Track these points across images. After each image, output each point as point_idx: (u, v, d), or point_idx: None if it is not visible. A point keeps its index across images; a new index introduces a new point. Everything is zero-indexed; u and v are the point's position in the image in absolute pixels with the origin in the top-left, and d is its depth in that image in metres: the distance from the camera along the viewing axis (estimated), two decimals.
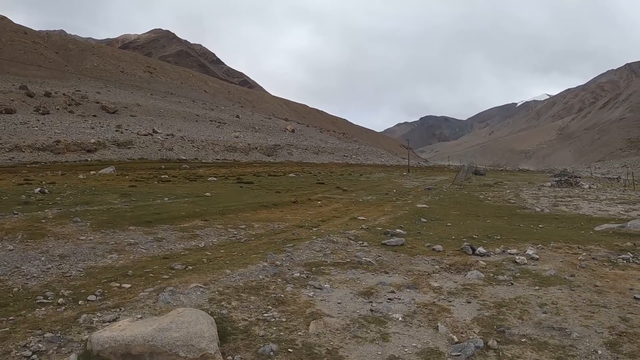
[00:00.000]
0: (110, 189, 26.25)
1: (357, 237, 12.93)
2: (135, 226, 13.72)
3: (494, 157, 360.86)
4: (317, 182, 39.58)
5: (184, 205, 18.96)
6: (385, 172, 71.70)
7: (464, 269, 9.58)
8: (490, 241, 12.93)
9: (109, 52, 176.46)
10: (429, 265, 10.02)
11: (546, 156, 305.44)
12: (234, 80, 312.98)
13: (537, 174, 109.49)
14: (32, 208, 16.77)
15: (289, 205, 21.63)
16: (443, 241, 12.68)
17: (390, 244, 11.86)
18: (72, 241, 11.52)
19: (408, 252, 11.15)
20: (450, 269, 9.69)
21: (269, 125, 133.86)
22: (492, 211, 21.66)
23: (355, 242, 12.27)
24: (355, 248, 11.50)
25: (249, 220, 16.23)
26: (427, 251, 11.37)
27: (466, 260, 10.28)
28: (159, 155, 70.58)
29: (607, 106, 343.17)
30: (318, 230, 14.57)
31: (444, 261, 10.30)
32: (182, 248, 11.23)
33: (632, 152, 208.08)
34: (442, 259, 10.54)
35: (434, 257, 10.65)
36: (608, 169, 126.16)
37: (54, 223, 13.53)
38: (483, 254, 10.91)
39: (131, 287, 7.64)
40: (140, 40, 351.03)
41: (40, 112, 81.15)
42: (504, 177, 73.62)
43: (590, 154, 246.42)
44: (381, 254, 10.87)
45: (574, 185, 45.29)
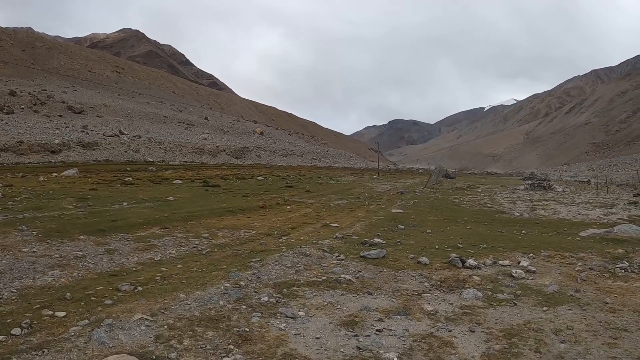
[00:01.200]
0: (69, 193, 24.95)
1: (332, 248, 11.83)
2: (87, 235, 12.60)
3: (462, 160, 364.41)
4: (286, 185, 38.63)
5: (144, 211, 17.79)
6: (355, 175, 71.14)
7: (458, 286, 8.68)
8: (477, 251, 12.12)
9: (77, 51, 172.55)
10: (417, 282, 9.06)
11: (513, 159, 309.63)
12: (203, 81, 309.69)
13: (506, 177, 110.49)
14: None
15: (257, 211, 20.65)
16: (427, 252, 11.81)
17: (370, 256, 10.80)
18: (13, 254, 10.38)
19: (391, 266, 10.16)
20: (442, 286, 8.75)
21: (237, 128, 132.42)
22: (470, 216, 21.01)
23: (330, 254, 11.16)
24: (332, 262, 10.38)
25: (212, 228, 15.21)
26: (412, 264, 10.39)
27: (457, 275, 9.41)
28: (125, 157, 68.83)
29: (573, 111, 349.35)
30: (288, 239, 13.60)
31: (433, 277, 9.39)
32: (135, 262, 10.16)
33: (597, 155, 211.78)
34: (431, 273, 9.64)
35: (421, 272, 9.72)
36: (575, 172, 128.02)
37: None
38: (474, 267, 10.07)
39: (65, 317, 6.44)
40: (109, 39, 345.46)
41: (4, 111, 78.57)
42: (475, 180, 73.77)
43: (557, 158, 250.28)
44: (361, 269, 9.84)
45: (548, 188, 45.25)
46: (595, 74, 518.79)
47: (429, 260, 10.59)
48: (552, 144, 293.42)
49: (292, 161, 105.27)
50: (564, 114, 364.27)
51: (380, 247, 12.15)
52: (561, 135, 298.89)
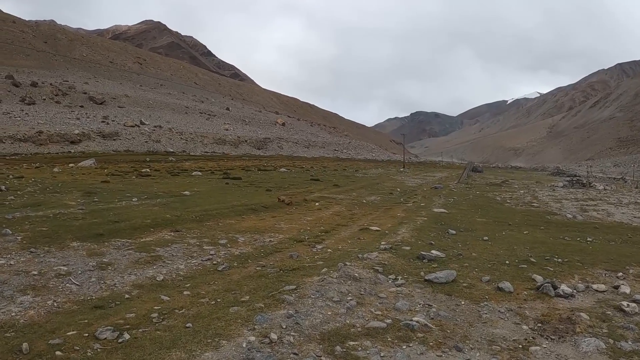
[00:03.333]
0: (78, 185, 23.00)
1: (385, 266, 9.31)
2: (80, 242, 10.38)
3: (484, 153, 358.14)
4: (312, 178, 36.23)
5: (154, 209, 15.50)
6: (381, 168, 68.53)
7: (566, 330, 6.21)
8: (555, 267, 9.66)
9: (99, 43, 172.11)
10: (510, 323, 6.58)
11: (536, 154, 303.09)
12: (225, 72, 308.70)
13: (532, 172, 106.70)
14: None
15: (282, 208, 18.35)
16: (499, 270, 9.35)
17: (438, 280, 8.26)
18: None
19: (468, 296, 7.69)
20: (545, 331, 6.28)
21: (259, 119, 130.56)
22: (521, 218, 18.42)
23: (384, 276, 8.61)
24: (390, 290, 7.83)
25: (232, 231, 12.92)
26: (493, 292, 7.89)
27: (555, 309, 6.97)
28: (146, 148, 67.30)
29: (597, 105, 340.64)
30: (324, 249, 11.20)
31: (527, 313, 6.95)
32: (130, 284, 7.87)
33: (621, 151, 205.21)
34: (522, 307, 7.18)
35: (508, 305, 7.26)
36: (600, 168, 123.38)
37: None
38: (567, 295, 7.66)
39: None
40: (131, 31, 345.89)
41: (25, 102, 77.88)
42: (504, 174, 70.50)
43: (580, 153, 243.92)
44: (431, 302, 7.32)
45: (588, 186, 42.17)
46: (621, 68, 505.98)
47: (510, 285, 8.12)
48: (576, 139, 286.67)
49: (314, 152, 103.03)
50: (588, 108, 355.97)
51: (441, 262, 9.70)
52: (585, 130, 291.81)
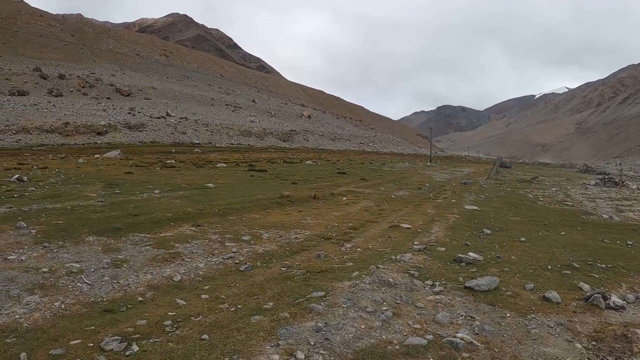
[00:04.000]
0: (101, 177, 22.68)
1: (420, 269, 8.54)
2: (96, 236, 9.85)
3: (511, 149, 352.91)
4: (338, 171, 35.51)
5: (175, 201, 14.97)
6: (408, 162, 67.44)
7: (623, 349, 5.42)
8: (600, 274, 8.81)
9: (126, 36, 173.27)
10: (562, 340, 5.80)
11: (563, 150, 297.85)
12: (251, 65, 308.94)
13: (560, 168, 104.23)
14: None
15: (309, 202, 17.69)
16: (541, 276, 8.54)
17: (479, 288, 7.46)
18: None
19: (512, 307, 6.89)
20: (601, 350, 5.48)
21: (285, 111, 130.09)
22: (556, 218, 17.43)
23: (421, 282, 7.84)
24: (428, 299, 7.08)
25: (256, 227, 12.29)
26: (539, 303, 7.08)
27: (609, 324, 6.16)
28: (172, 139, 67.23)
29: (627, 101, 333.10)
30: (353, 248, 10.48)
31: (578, 328, 6.17)
32: (145, 284, 7.28)
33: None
34: (572, 322, 6.40)
35: (557, 319, 6.46)
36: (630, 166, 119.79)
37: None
38: (618, 307, 6.87)
39: None
40: (158, 24, 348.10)
41: (53, 94, 78.57)
42: (533, 171, 68.66)
43: (608, 150, 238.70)
44: (474, 313, 6.57)
45: (620, 185, 40.59)
46: None
47: (557, 294, 7.31)
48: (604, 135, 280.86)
49: (339, 145, 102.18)
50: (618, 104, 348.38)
51: (480, 267, 8.92)
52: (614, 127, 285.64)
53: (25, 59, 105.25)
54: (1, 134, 51.31)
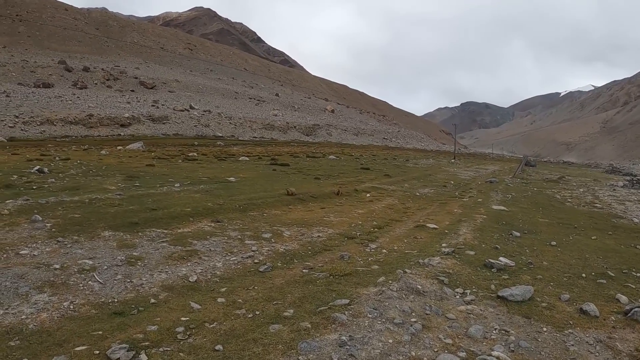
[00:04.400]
0: (122, 169, 22.50)
1: (449, 274, 8.04)
2: (112, 231, 9.52)
3: (535, 147, 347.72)
4: (362, 167, 34.96)
5: (195, 195, 14.62)
6: (432, 159, 66.52)
7: None
8: (634, 283, 8.18)
9: (150, 29, 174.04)
10: None
11: (588, 149, 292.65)
12: (274, 59, 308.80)
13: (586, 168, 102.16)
14: (2, 195, 12.94)
15: (332, 199, 17.23)
16: (576, 285, 7.97)
17: (513, 298, 6.89)
18: (3, 259, 7.50)
19: (548, 320, 6.36)
20: None
21: (308, 105, 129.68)
22: (585, 220, 16.71)
23: (451, 289, 7.33)
24: (460, 310, 6.56)
25: (277, 223, 11.88)
26: (575, 316, 6.52)
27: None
28: (195, 132, 67.24)
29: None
30: (378, 249, 10.01)
31: (619, 346, 5.61)
32: (159, 284, 6.90)
33: None
34: (612, 338, 5.84)
35: (596, 335, 5.91)
36: None
37: (3, 223, 9.48)
38: None
39: None
40: (182, 18, 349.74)
41: (77, 86, 79.21)
42: (558, 170, 67.25)
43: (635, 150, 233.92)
44: (507, 326, 6.08)
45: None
46: None
47: (595, 307, 6.76)
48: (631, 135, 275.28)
49: (363, 140, 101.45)
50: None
51: (512, 273, 8.34)
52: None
53: (51, 52, 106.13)
54: (26, 125, 51.71)
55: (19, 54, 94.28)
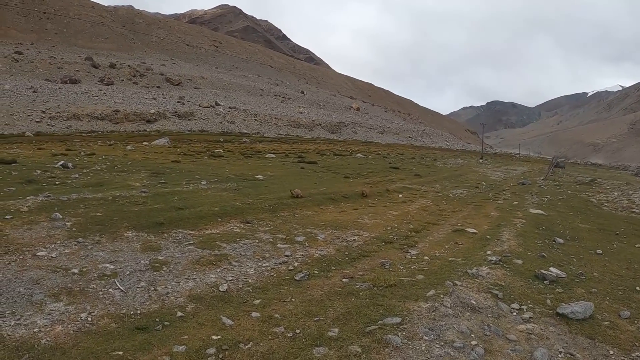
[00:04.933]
0: (147, 165, 22.05)
1: (502, 286, 7.26)
2: (136, 231, 8.92)
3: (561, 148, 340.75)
4: (390, 166, 34.09)
5: (223, 194, 13.94)
6: (460, 158, 65.28)
7: None
8: None
9: (176, 26, 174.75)
10: None
11: (616, 151, 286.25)
12: (299, 56, 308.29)
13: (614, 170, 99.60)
14: (23, 191, 12.50)
15: (364, 199, 16.48)
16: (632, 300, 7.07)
17: (574, 316, 6.11)
18: (21, 260, 6.94)
19: (614, 342, 5.56)
20: None
21: (334, 103, 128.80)
22: (626, 227, 15.64)
23: (507, 305, 6.56)
24: (519, 329, 5.80)
25: (310, 225, 11.17)
26: None
27: None
28: (220, 128, 66.96)
29: None
30: (420, 255, 9.25)
31: None
32: (187, 294, 6.23)
33: None
34: None
35: None
36: None
37: (22, 221, 8.92)
38: None
39: None
40: (207, 15, 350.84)
41: (104, 82, 79.59)
42: (588, 172, 65.38)
43: None
44: (574, 350, 5.31)
45: None
46: None
47: None
48: None
49: (388, 139, 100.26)
50: None
51: (565, 286, 7.54)
52: None
53: (77, 48, 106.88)
54: (52, 120, 51.85)
55: (46, 51, 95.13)
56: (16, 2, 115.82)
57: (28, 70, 76.85)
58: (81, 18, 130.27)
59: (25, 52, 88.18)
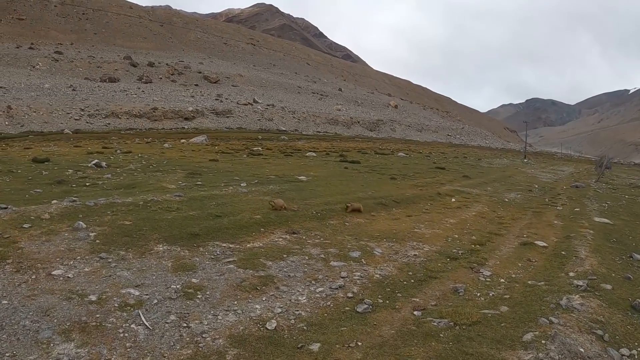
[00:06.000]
0: (184, 164, 21.12)
1: (602, 324, 5.85)
2: (168, 245, 7.75)
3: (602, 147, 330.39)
4: (436, 166, 32.43)
5: (265, 198, 12.58)
6: (506, 158, 62.96)
7: None
8: None
9: (213, 25, 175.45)
10: None
11: None
12: (337, 54, 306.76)
13: None
14: (50, 193, 11.62)
15: (416, 204, 15.10)
16: None
17: None
18: (31, 282, 5.88)
19: None
20: None
21: (371, 100, 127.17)
22: None
23: (616, 351, 5.19)
24: None
25: (363, 236, 9.87)
26: None
27: None
28: (258, 125, 66.27)
29: None
30: (494, 278, 7.85)
31: None
32: (226, 333, 5.00)
33: None
34: None
35: None
36: None
37: (41, 230, 7.86)
38: None
39: None
40: (244, 14, 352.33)
41: (143, 80, 79.95)
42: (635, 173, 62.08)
43: None
44: None
45: None
46: None
47: None
48: None
49: (426, 137, 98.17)
50: None
51: None
52: None
53: (116, 48, 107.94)
54: (91, 118, 51.83)
55: (85, 50, 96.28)
56: (56, 4, 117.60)
57: (68, 70, 77.61)
58: (119, 18, 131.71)
59: (65, 52, 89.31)
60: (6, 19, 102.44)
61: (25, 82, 61.71)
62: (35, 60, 78.42)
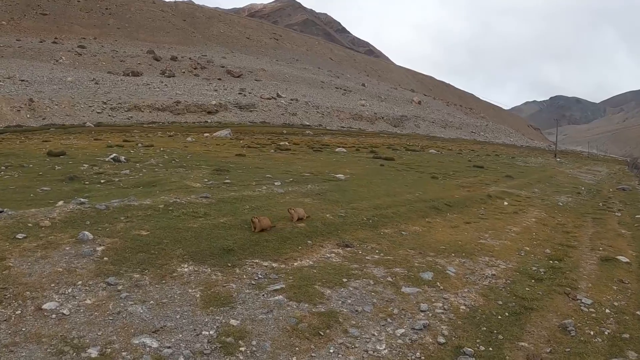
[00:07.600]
0: (209, 159, 19.69)
1: None
2: (194, 264, 6.11)
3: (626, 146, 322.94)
4: (474, 165, 30.50)
5: (305, 201, 10.82)
6: (541, 157, 60.89)
7: None
8: None
9: (235, 20, 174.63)
10: None
11: None
12: (359, 49, 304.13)
13: None
14: (59, 192, 10.18)
15: (469, 207, 13.39)
16: None
17: None
18: (13, 321, 4.38)
19: None
20: None
21: (395, 96, 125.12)
22: None
23: None
24: None
25: (427, 249, 8.18)
26: None
27: None
28: (282, 120, 65.05)
29: None
30: (598, 307, 6.15)
31: None
32: None
33: None
34: None
35: None
36: None
37: (37, 243, 6.23)
38: None
39: None
40: (266, 9, 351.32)
41: (165, 74, 79.28)
42: None
43: None
44: None
45: None
46: None
47: None
48: None
49: (450, 133, 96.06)
50: None
51: None
52: None
53: (139, 42, 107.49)
54: (113, 111, 50.97)
55: (109, 45, 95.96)
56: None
57: (91, 64, 77.10)
58: (142, 13, 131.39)
59: (88, 46, 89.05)
60: (30, 14, 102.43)
61: (48, 76, 61.05)
62: (59, 54, 78.03)
